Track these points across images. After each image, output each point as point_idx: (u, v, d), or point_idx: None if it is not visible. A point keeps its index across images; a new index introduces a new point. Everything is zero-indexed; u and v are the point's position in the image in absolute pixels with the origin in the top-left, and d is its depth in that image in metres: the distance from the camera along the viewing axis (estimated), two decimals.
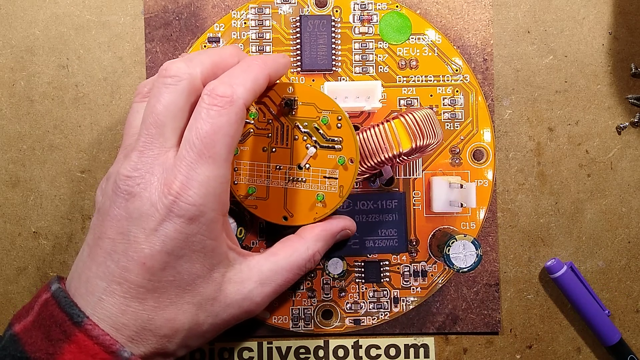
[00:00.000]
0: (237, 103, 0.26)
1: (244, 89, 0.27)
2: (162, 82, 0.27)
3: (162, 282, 0.26)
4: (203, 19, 0.36)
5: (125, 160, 0.27)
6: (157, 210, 0.26)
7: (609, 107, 0.37)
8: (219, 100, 0.26)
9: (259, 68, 0.28)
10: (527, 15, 0.37)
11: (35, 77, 0.36)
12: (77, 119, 0.36)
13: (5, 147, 0.36)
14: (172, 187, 0.26)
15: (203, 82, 0.27)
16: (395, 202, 0.35)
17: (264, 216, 0.32)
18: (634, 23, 0.37)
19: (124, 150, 0.29)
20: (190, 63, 0.27)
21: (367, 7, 0.36)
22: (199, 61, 0.28)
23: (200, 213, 0.26)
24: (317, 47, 0.36)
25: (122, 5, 0.36)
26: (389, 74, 0.36)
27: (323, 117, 0.31)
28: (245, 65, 0.28)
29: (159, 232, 0.26)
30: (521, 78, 0.37)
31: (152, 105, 0.27)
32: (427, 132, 0.31)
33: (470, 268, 0.33)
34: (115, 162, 0.29)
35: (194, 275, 0.27)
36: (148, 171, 0.26)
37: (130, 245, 0.26)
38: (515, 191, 0.37)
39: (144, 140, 0.27)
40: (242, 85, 0.27)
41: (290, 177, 0.32)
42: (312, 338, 0.36)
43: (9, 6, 0.36)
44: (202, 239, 0.27)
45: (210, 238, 0.27)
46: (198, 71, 0.27)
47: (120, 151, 0.29)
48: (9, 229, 0.36)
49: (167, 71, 0.27)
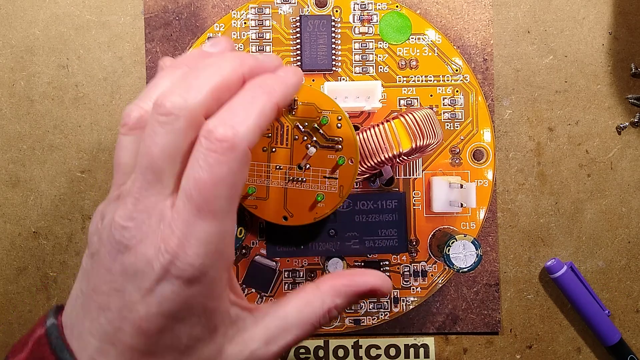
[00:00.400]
0: (239, 148, 0.23)
1: (246, 129, 0.23)
2: (157, 119, 0.23)
3: (158, 345, 0.24)
4: (203, 19, 0.36)
5: (120, 205, 0.24)
6: (154, 268, 0.23)
7: (609, 107, 0.37)
8: (218, 146, 0.22)
9: (266, 98, 0.24)
10: (527, 15, 0.37)
11: (35, 77, 0.36)
12: (77, 119, 0.36)
13: (5, 147, 0.36)
14: (169, 245, 0.23)
15: (205, 115, 0.24)
16: (395, 202, 0.35)
17: (264, 216, 0.32)
18: (634, 23, 0.37)
19: (116, 189, 0.26)
20: (188, 94, 0.23)
21: (367, 7, 0.36)
22: (198, 90, 0.24)
23: (200, 274, 0.23)
24: (317, 47, 0.36)
25: (122, 5, 0.36)
26: (389, 74, 0.36)
27: (323, 117, 0.31)
28: (248, 96, 0.24)
29: (155, 292, 0.23)
30: (521, 78, 0.37)
31: (147, 146, 0.23)
32: (427, 132, 0.31)
33: (470, 268, 0.33)
34: (107, 199, 0.26)
35: (194, 338, 0.25)
36: (144, 222, 0.23)
37: (125, 304, 0.23)
38: (515, 191, 0.37)
39: (139, 186, 0.24)
40: (245, 123, 0.23)
41: (290, 177, 0.32)
42: (312, 338, 0.36)
43: (9, 6, 0.36)
44: (203, 301, 0.24)
45: (212, 298, 0.24)
46: (197, 103, 0.23)
47: (112, 189, 0.26)
48: (9, 229, 0.36)
49: (162, 108, 0.23)
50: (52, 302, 0.36)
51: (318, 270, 0.36)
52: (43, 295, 0.36)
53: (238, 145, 0.23)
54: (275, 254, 0.35)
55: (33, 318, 0.36)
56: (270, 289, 0.36)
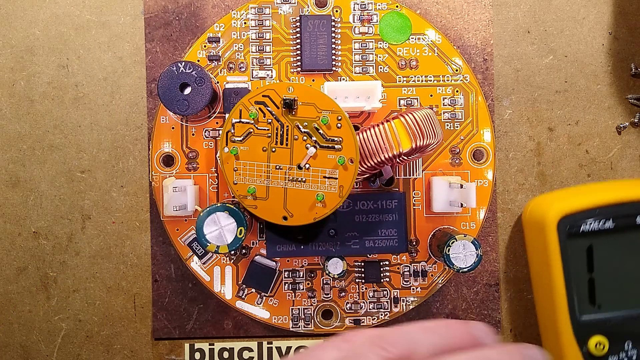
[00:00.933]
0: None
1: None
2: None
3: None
4: (203, 19, 0.36)
5: None
6: None
7: (609, 107, 0.37)
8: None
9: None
10: (527, 15, 0.37)
11: (35, 77, 0.36)
12: (77, 119, 0.36)
13: (5, 147, 0.36)
14: None
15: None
16: (395, 202, 0.35)
17: (264, 216, 0.32)
18: (634, 23, 0.37)
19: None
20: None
21: (367, 7, 0.36)
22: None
23: None
24: (317, 47, 0.36)
25: (122, 5, 0.36)
26: (389, 74, 0.36)
27: (323, 117, 0.31)
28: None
29: None
30: (521, 78, 0.37)
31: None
32: (427, 132, 0.31)
33: (470, 268, 0.33)
34: None
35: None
36: None
37: None
38: (515, 191, 0.37)
39: None
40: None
41: (290, 177, 0.32)
42: (312, 338, 0.36)
43: (9, 6, 0.36)
44: None
45: None
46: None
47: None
48: (9, 229, 0.36)
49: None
50: (52, 302, 0.36)
51: (318, 270, 0.36)
52: (43, 295, 0.36)
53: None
54: (275, 254, 0.35)
55: (33, 318, 0.36)
56: (270, 289, 0.36)
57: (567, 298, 0.33)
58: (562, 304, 0.33)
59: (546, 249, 0.33)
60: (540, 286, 0.35)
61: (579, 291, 0.33)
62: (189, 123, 0.36)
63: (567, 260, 0.33)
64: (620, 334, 0.33)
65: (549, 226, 0.33)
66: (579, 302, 0.33)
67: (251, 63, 0.36)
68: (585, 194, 0.34)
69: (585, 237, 0.33)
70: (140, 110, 0.36)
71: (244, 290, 0.36)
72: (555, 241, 0.33)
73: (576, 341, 0.33)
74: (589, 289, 0.33)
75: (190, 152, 0.36)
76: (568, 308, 0.33)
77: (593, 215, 0.33)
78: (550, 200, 0.34)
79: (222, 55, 0.36)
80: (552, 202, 0.34)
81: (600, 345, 0.33)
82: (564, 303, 0.33)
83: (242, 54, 0.36)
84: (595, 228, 0.33)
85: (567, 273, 0.33)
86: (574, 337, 0.33)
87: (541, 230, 0.33)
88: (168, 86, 0.33)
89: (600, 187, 0.36)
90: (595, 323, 0.33)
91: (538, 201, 0.35)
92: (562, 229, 0.33)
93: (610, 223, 0.33)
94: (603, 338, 0.33)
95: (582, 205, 0.33)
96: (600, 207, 0.33)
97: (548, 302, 0.34)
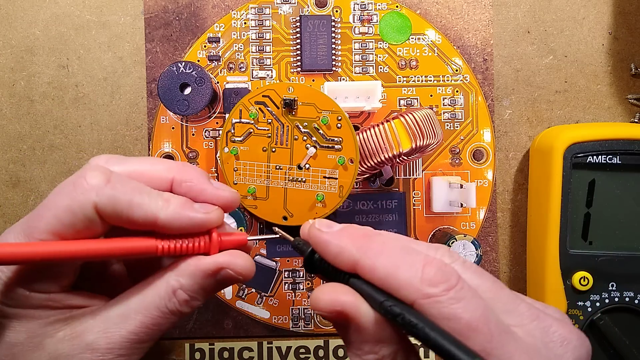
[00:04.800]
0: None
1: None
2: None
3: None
4: (203, 19, 0.36)
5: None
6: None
7: (609, 107, 0.37)
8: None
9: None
10: (527, 15, 0.37)
11: (35, 77, 0.36)
12: (77, 119, 0.36)
13: (5, 147, 0.36)
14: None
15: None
16: (395, 202, 0.35)
17: (264, 216, 0.32)
18: (634, 23, 0.37)
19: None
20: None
21: (367, 7, 0.36)
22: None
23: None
24: (317, 47, 0.36)
25: (122, 5, 0.36)
26: (389, 74, 0.36)
27: (323, 117, 0.31)
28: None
29: None
30: (521, 78, 0.37)
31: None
32: (427, 132, 0.31)
33: None
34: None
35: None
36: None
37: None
38: (515, 191, 0.37)
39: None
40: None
41: (290, 177, 0.32)
42: (312, 338, 0.36)
43: (9, 6, 0.36)
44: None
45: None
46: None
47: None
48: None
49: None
50: None
51: None
52: None
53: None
54: (275, 254, 0.35)
55: None
56: (270, 289, 0.36)
57: (560, 229, 0.33)
58: (554, 234, 0.33)
59: (550, 177, 0.33)
60: (536, 215, 0.35)
61: (574, 224, 0.33)
62: (189, 123, 0.36)
63: (568, 191, 0.33)
64: (606, 274, 0.33)
65: (557, 152, 0.33)
66: (571, 235, 0.33)
67: (251, 63, 0.36)
68: (597, 127, 0.34)
69: (590, 170, 0.33)
70: (140, 111, 0.36)
71: (244, 290, 0.36)
72: (559, 169, 0.33)
73: (561, 273, 0.33)
74: (583, 223, 0.33)
75: (191, 152, 0.36)
76: (559, 239, 0.33)
77: (602, 147, 0.33)
78: (561, 130, 0.35)
79: (222, 55, 0.36)
80: (562, 131, 0.34)
81: (584, 281, 0.33)
82: (555, 233, 0.33)
83: (242, 54, 0.36)
84: (602, 161, 0.33)
85: (564, 204, 0.33)
86: (560, 269, 0.33)
87: (548, 156, 0.33)
88: (168, 86, 0.33)
89: (613, 125, 0.36)
90: (584, 259, 0.33)
91: (549, 131, 0.36)
92: (568, 157, 0.33)
93: (616, 159, 0.33)
94: (588, 274, 0.33)
95: (592, 136, 0.33)
96: (610, 141, 0.33)
97: (540, 232, 0.34)
